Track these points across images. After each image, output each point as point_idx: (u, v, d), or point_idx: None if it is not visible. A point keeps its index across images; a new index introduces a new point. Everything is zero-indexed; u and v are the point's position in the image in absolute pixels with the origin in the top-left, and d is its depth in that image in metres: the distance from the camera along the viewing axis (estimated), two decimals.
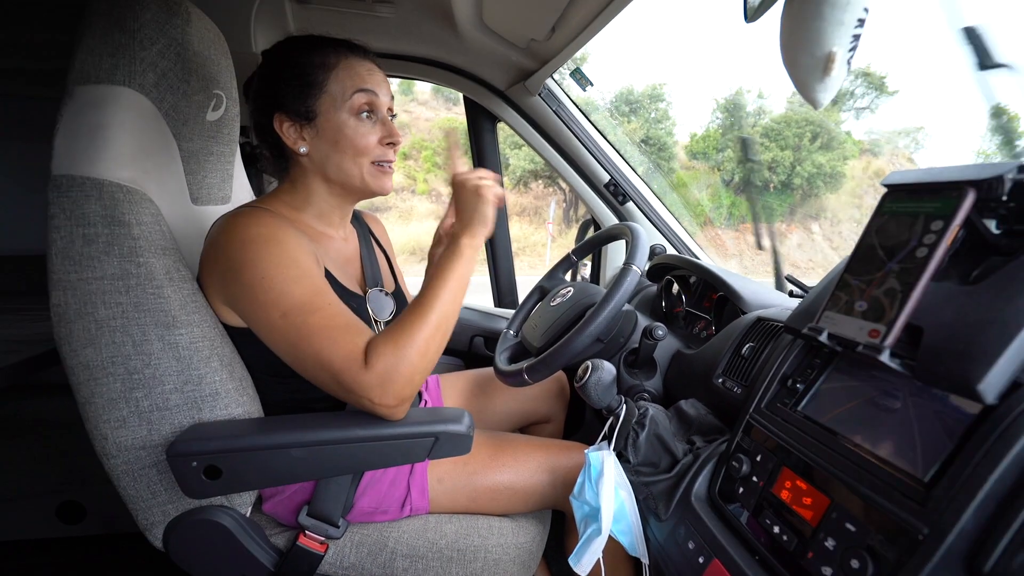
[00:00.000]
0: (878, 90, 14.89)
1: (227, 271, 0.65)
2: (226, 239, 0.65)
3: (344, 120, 0.72)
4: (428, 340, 0.63)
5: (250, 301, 0.63)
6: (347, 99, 0.72)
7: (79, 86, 0.64)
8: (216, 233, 0.67)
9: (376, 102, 0.74)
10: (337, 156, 0.73)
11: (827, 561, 0.46)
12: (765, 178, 13.37)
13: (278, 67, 0.74)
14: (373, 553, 0.74)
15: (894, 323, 0.47)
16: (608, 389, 0.72)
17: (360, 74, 0.73)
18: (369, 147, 0.74)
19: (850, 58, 0.49)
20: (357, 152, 0.73)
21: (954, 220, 0.46)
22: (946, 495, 0.41)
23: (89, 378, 0.62)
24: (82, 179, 0.61)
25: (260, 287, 0.62)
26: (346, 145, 0.73)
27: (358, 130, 0.73)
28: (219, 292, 0.68)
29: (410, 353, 0.61)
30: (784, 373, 0.64)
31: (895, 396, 0.50)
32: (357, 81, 0.73)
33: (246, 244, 0.64)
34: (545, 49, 1.23)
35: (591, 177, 1.47)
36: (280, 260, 0.64)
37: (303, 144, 0.74)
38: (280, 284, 0.62)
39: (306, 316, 0.61)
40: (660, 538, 0.66)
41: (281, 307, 0.62)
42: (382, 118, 0.75)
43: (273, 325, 0.62)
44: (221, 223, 0.68)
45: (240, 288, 0.64)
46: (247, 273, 0.63)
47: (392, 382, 0.60)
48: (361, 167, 0.74)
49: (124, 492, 0.67)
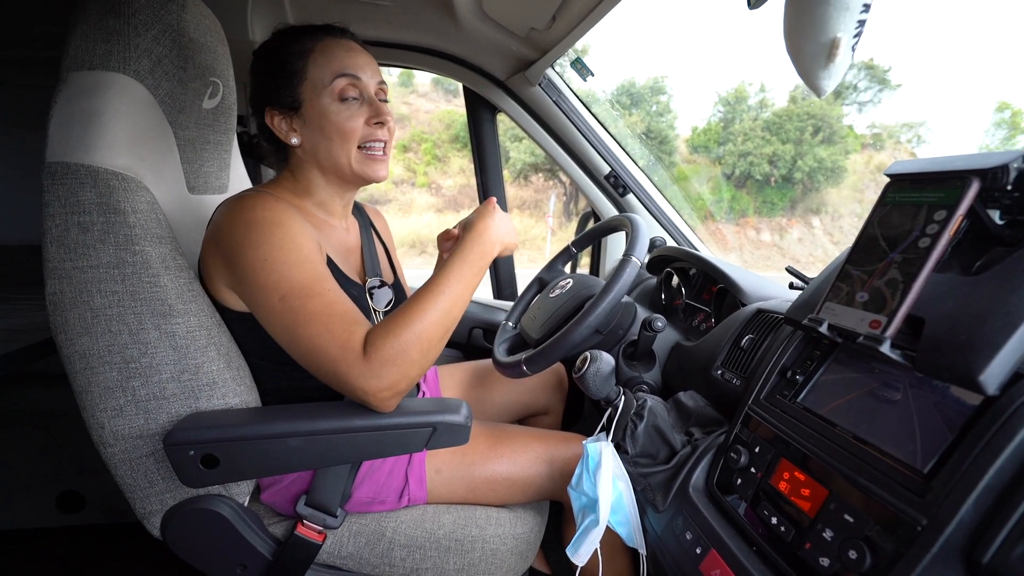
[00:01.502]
0: (881, 83, 14.80)
1: (230, 253, 0.64)
2: (230, 221, 0.65)
3: (327, 105, 0.71)
4: (428, 336, 0.63)
5: (251, 284, 0.63)
6: (327, 84, 0.71)
7: (73, 72, 0.63)
8: (220, 215, 0.67)
9: (359, 84, 0.73)
10: (325, 143, 0.73)
11: (825, 552, 0.46)
12: (766, 172, 13.34)
13: (263, 63, 0.74)
14: (371, 543, 0.74)
15: (895, 314, 0.47)
16: (607, 380, 0.72)
17: (339, 57, 0.72)
18: (355, 130, 0.73)
19: (855, 44, 0.48)
20: (343, 137, 0.73)
21: (957, 210, 0.46)
22: (945, 486, 0.40)
23: (85, 367, 0.62)
24: (76, 166, 0.61)
25: (262, 269, 0.62)
26: (332, 131, 0.72)
27: (341, 114, 0.72)
28: (221, 274, 0.67)
29: (408, 347, 0.61)
30: (783, 365, 0.64)
31: (895, 388, 0.50)
32: (336, 65, 0.72)
33: (250, 226, 0.64)
34: (545, 38, 1.21)
35: (591, 169, 1.46)
36: (282, 243, 0.63)
37: (294, 135, 0.74)
38: (281, 267, 0.62)
39: (304, 300, 0.61)
40: (658, 529, 0.66)
41: (280, 290, 0.61)
42: (368, 98, 0.74)
43: (272, 308, 0.62)
44: (225, 205, 0.67)
45: (242, 270, 0.63)
46: (249, 254, 0.62)
47: (387, 374, 0.60)
48: (350, 153, 0.74)
49: (121, 481, 0.67)
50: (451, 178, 13.53)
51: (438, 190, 13.38)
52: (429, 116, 14.56)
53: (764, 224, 13.57)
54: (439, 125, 14.17)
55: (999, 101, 15.98)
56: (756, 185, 13.66)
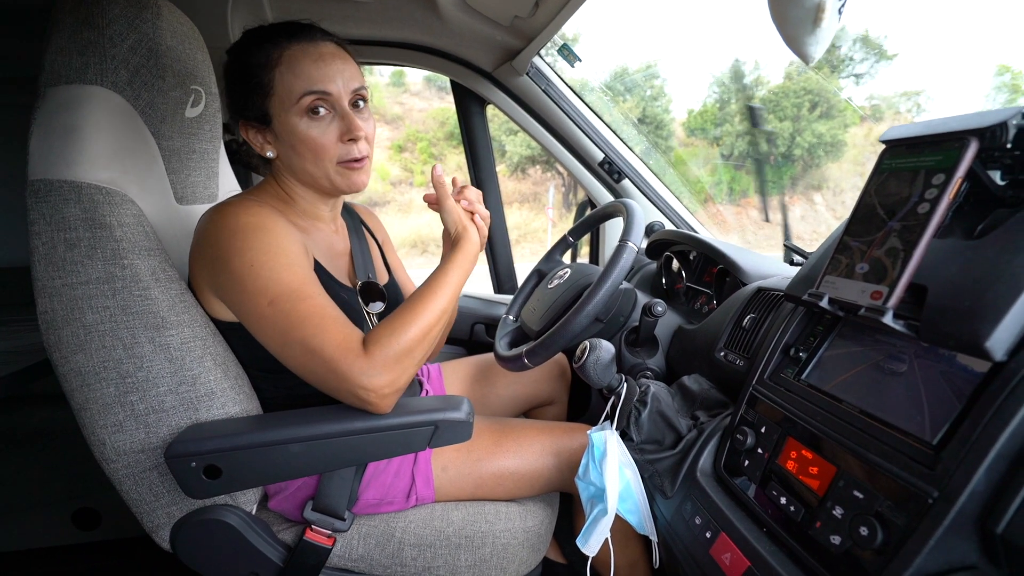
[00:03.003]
0: (877, 54, 14.60)
1: (215, 260, 0.63)
2: (214, 228, 0.64)
3: (295, 123, 0.67)
4: (431, 334, 0.64)
5: (239, 291, 0.62)
6: (295, 102, 0.66)
7: (50, 87, 0.63)
8: (204, 223, 0.66)
9: (329, 99, 0.68)
10: (299, 160, 0.70)
11: (836, 530, 0.45)
12: (765, 150, 13.21)
13: (231, 73, 0.71)
14: (381, 544, 0.74)
15: (897, 283, 0.45)
16: (607, 368, 0.71)
17: (306, 71, 0.66)
18: (327, 147, 0.69)
19: (841, 7, 0.46)
20: (316, 155, 0.69)
21: (956, 172, 0.44)
22: (955, 457, 0.39)
23: (82, 384, 0.62)
24: (59, 183, 0.60)
25: (248, 275, 0.61)
26: (303, 149, 0.69)
27: (310, 132, 0.68)
28: (208, 283, 0.67)
29: (413, 345, 0.62)
30: (786, 342, 0.63)
31: (900, 359, 0.49)
32: (303, 83, 0.66)
33: (234, 232, 0.63)
34: (530, 26, 1.19)
35: (585, 156, 1.44)
36: (268, 247, 0.63)
37: (269, 148, 0.72)
38: (268, 271, 0.61)
39: (295, 303, 0.60)
40: (668, 515, 0.66)
41: (269, 294, 0.60)
42: (340, 112, 0.69)
43: (261, 313, 0.61)
44: (209, 214, 0.67)
45: (228, 277, 0.62)
46: (235, 261, 0.62)
47: (390, 370, 0.60)
48: (326, 169, 0.70)
49: (127, 496, 0.66)
50: (448, 175, 13.46)
51: None
52: (423, 115, 14.49)
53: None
54: (433, 123, 14.11)
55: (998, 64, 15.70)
56: (755, 164, 13.54)
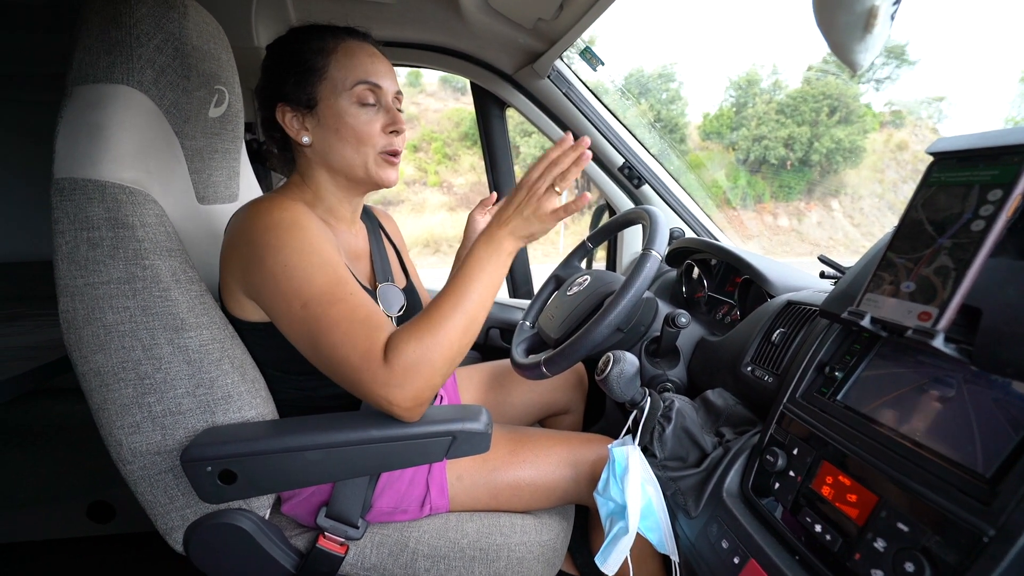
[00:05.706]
0: (898, 60, 14.35)
1: (249, 258, 0.63)
2: (249, 225, 0.64)
3: (345, 107, 0.70)
4: (453, 340, 0.59)
5: (271, 291, 0.61)
6: (348, 88, 0.70)
7: (77, 86, 0.63)
8: (238, 220, 0.66)
9: (379, 92, 0.72)
10: (340, 145, 0.71)
11: (877, 563, 0.43)
12: (782, 156, 13.05)
13: (279, 57, 0.73)
14: (394, 554, 0.73)
15: (948, 304, 0.43)
16: (631, 382, 0.69)
17: (362, 63, 0.71)
18: (372, 135, 0.72)
19: (894, 12, 0.44)
20: (360, 140, 0.71)
21: (1016, 188, 0.42)
22: (1013, 493, 0.37)
23: (101, 384, 0.62)
24: (84, 181, 0.60)
25: (283, 275, 0.60)
26: (348, 133, 0.71)
27: (359, 118, 0.71)
28: (240, 282, 0.66)
29: (433, 353, 0.58)
30: (820, 360, 0.60)
31: (947, 384, 0.46)
32: (360, 71, 0.71)
33: (269, 229, 0.62)
34: (553, 29, 1.18)
35: (604, 160, 1.42)
36: (303, 247, 0.62)
37: (305, 134, 0.72)
38: (301, 272, 0.60)
39: (327, 307, 0.59)
40: (691, 536, 0.63)
41: (302, 297, 0.60)
42: (385, 106, 0.73)
43: (294, 316, 0.60)
44: (243, 211, 0.66)
45: (262, 277, 0.62)
46: (268, 260, 0.61)
47: (411, 382, 0.57)
48: (365, 156, 0.72)
49: (142, 497, 0.66)
50: (462, 176, 13.52)
51: (450, 188, 13.40)
52: (438, 115, 14.56)
53: (781, 209, 13.29)
54: (448, 124, 14.17)
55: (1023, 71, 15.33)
56: (772, 169, 13.38)
